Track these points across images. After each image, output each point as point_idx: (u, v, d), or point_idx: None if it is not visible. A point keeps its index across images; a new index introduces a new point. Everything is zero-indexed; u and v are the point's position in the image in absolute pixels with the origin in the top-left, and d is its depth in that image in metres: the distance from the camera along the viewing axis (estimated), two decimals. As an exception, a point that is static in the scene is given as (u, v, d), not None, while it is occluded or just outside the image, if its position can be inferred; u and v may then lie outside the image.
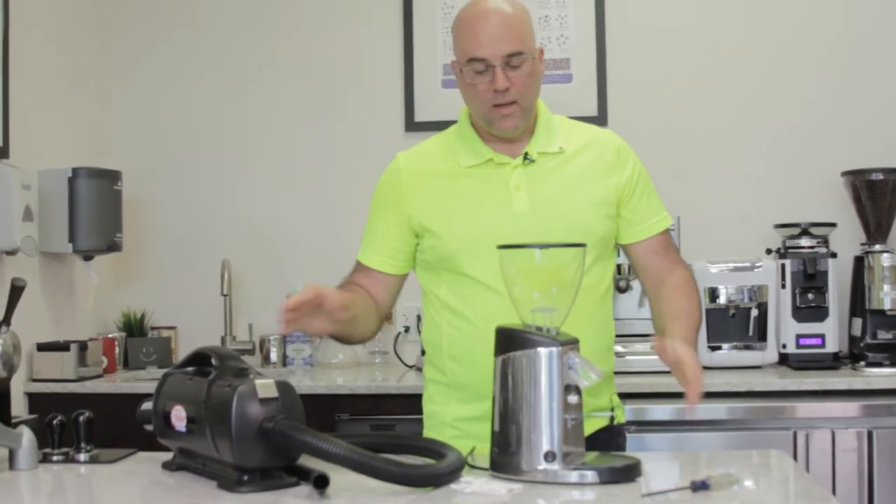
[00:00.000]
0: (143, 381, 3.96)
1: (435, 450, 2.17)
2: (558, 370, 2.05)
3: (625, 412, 2.70)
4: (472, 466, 2.15)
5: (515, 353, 2.08)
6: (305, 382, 3.88)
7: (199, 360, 2.30)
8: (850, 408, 3.51)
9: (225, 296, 4.38)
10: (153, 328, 4.56)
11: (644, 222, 2.57)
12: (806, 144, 4.28)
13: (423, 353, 2.80)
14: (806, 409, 3.53)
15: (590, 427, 2.43)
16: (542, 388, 2.05)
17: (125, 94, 4.69)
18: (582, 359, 2.08)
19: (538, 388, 2.06)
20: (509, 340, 2.11)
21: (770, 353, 3.90)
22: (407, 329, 4.41)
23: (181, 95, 4.68)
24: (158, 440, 2.29)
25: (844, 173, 4.04)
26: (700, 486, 1.92)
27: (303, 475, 2.05)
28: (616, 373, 2.69)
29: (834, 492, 3.40)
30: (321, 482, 1.97)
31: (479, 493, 1.97)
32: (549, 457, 2.04)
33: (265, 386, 2.07)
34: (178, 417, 2.19)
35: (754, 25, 4.38)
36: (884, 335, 3.85)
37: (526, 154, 2.51)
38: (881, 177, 3.96)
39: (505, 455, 2.08)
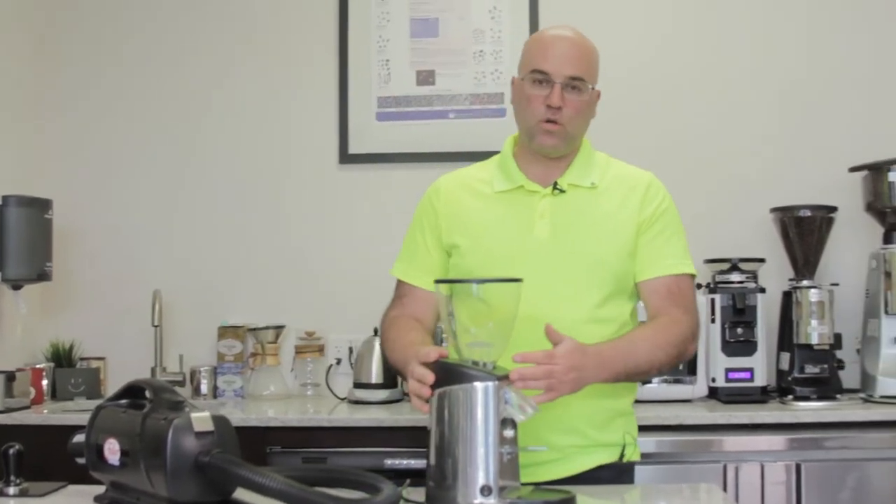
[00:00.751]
0: (72, 413, 3.90)
1: (370, 483, 2.13)
2: (494, 404, 2.06)
3: (638, 449, 2.66)
4: (408, 500, 2.14)
5: (452, 388, 2.09)
6: (237, 414, 3.82)
7: (133, 392, 2.27)
8: (779, 441, 3.53)
9: (156, 326, 4.33)
10: (82, 359, 4.49)
11: (656, 261, 2.56)
12: (736, 181, 4.32)
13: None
14: (735, 442, 3.55)
15: (592, 461, 2.48)
16: (479, 422, 2.05)
17: (57, 121, 4.65)
18: (518, 393, 2.09)
19: (474, 422, 2.06)
20: (446, 375, 2.11)
21: (700, 387, 3.93)
22: (339, 361, 4.39)
23: (114, 124, 4.64)
24: (91, 473, 2.25)
25: (773, 210, 4.09)
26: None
27: (238, 510, 2.03)
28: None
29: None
30: (256, 518, 1.96)
31: (412, 527, 1.97)
32: (485, 491, 2.03)
33: (201, 419, 2.05)
34: (112, 451, 2.16)
35: (691, 66, 4.43)
36: (811, 369, 3.88)
37: (555, 184, 2.55)
38: (809, 213, 4.02)
39: (441, 489, 2.07)
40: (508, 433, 2.08)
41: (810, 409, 3.68)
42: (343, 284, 4.42)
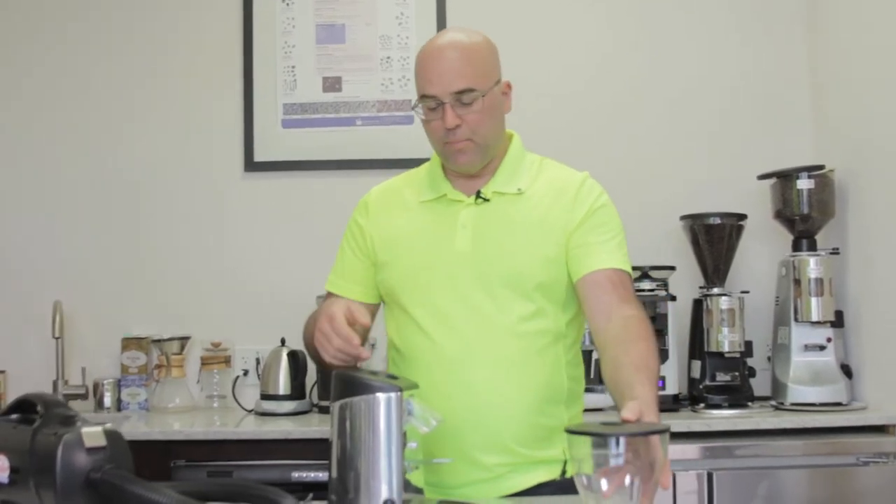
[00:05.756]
0: (-34, 428, 3.78)
1: (271, 498, 2.08)
2: (397, 416, 2.00)
3: None
4: None
5: (353, 399, 2.03)
6: (140, 428, 3.75)
7: (25, 407, 2.19)
8: (690, 450, 3.50)
9: (57, 338, 4.22)
10: (-20, 372, 4.38)
11: (594, 255, 2.41)
12: (646, 189, 4.31)
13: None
14: None
15: (529, 480, 2.40)
16: (381, 434, 2.00)
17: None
18: (421, 405, 2.04)
19: (377, 434, 2.00)
20: (347, 385, 2.05)
21: (609, 396, 3.89)
22: (246, 372, 4.31)
23: (10, 129, 4.51)
24: (-21, 492, 2.17)
25: (683, 217, 4.09)
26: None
27: (134, 528, 1.95)
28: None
29: (674, 536, 3.40)
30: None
31: (311, 545, 1.91)
32: None
33: (92, 434, 1.97)
34: (2, 468, 2.07)
35: (597, 76, 4.42)
36: (722, 377, 3.88)
37: (478, 193, 2.47)
38: (718, 221, 4.02)
39: (343, 503, 2.02)
40: (412, 445, 2.03)
41: (722, 417, 3.68)
42: (249, 294, 4.35)
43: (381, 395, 2.01)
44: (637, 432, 1.83)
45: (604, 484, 1.80)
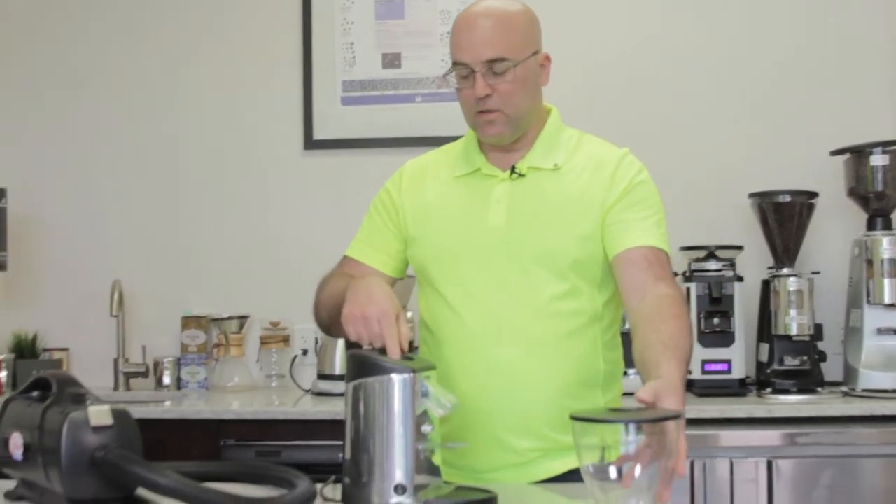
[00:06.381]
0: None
1: (286, 479, 2.05)
2: (412, 398, 1.94)
3: None
4: (326, 499, 2.03)
5: (367, 380, 1.97)
6: (196, 406, 3.78)
7: (43, 385, 2.16)
8: (751, 436, 3.41)
9: (115, 317, 4.24)
10: (45, 350, 4.40)
11: (630, 232, 2.32)
12: (714, 166, 4.21)
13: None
14: (704, 437, 3.42)
15: (561, 466, 2.31)
16: (395, 417, 1.94)
17: (11, 104, 4.55)
18: (437, 386, 1.98)
19: (391, 416, 1.94)
20: (361, 366, 1.99)
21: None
22: (305, 352, 4.28)
23: (73, 109, 4.53)
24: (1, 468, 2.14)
25: (752, 195, 3.97)
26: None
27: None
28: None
29: (732, 523, 3.33)
30: (147, 518, 1.85)
31: (319, 530, 1.85)
32: (399, 490, 1.92)
33: (99, 413, 1.94)
34: (16, 445, 2.05)
35: (670, 50, 4.31)
36: (790, 361, 3.76)
37: (513, 168, 2.40)
38: (788, 199, 3.89)
39: (356, 486, 1.96)
40: (426, 428, 1.96)
41: (788, 403, 3.57)
42: (308, 273, 4.21)
43: (395, 377, 1.95)
44: (646, 418, 1.73)
45: (612, 472, 1.71)
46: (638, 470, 1.71)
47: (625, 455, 1.70)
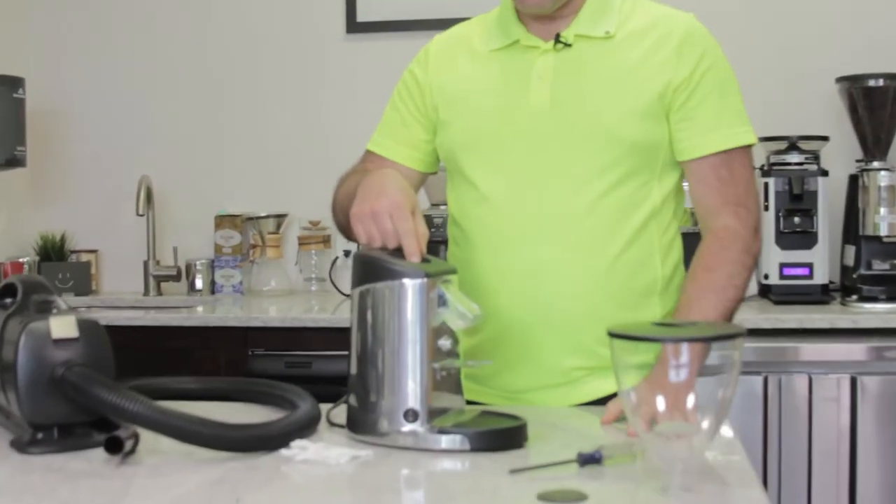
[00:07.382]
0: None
1: (289, 399, 1.85)
2: (426, 307, 1.67)
3: None
4: (332, 424, 1.79)
5: (376, 285, 1.71)
6: (226, 312, 3.63)
7: (12, 291, 1.92)
8: (832, 350, 3.19)
9: (141, 215, 4.03)
10: (73, 251, 4.21)
11: (701, 135, 2.07)
12: (797, 46, 3.94)
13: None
14: (781, 350, 3.19)
15: (610, 387, 1.95)
16: (407, 329, 1.68)
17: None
18: (457, 294, 1.71)
19: (402, 328, 1.68)
20: (369, 269, 1.73)
21: (750, 285, 3.51)
22: (347, 253, 4.05)
23: (94, 4, 4.33)
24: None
25: (839, 79, 3.70)
26: (588, 460, 1.50)
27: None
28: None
29: (809, 448, 3.14)
30: (113, 446, 1.62)
31: (311, 462, 1.60)
32: (410, 416, 1.66)
33: (62, 324, 1.71)
34: (-21, 360, 1.83)
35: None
36: (879, 265, 3.52)
37: (558, 36, 2.09)
38: (881, 83, 3.62)
39: (363, 409, 1.70)
40: (444, 343, 1.70)
41: (875, 313, 3.33)
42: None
43: (407, 282, 1.69)
44: (701, 336, 1.41)
45: (660, 403, 1.39)
46: (691, 400, 1.39)
47: (676, 382, 1.39)
